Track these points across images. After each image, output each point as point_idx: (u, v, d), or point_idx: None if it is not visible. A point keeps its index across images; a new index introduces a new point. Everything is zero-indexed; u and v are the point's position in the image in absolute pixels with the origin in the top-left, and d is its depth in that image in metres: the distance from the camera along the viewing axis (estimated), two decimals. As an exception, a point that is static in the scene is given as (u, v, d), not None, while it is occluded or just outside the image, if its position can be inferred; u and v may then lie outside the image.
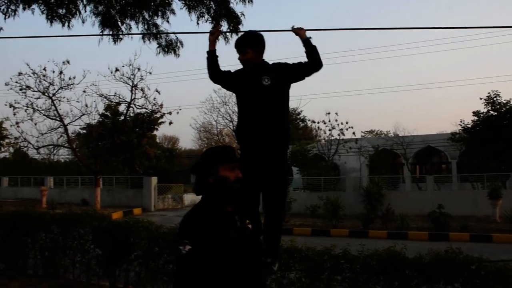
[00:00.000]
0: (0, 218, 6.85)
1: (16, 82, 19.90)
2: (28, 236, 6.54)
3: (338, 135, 23.94)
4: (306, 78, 3.53)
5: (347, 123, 23.78)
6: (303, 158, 23.66)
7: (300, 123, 40.18)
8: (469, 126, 20.55)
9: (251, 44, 3.37)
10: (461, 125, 21.03)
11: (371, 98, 73.73)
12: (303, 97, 70.55)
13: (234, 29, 7.89)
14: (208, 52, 3.54)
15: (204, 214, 2.01)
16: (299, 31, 3.48)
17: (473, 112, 20.35)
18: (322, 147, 24.74)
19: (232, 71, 3.49)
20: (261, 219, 3.20)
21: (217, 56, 3.53)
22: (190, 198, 24.82)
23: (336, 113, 23.81)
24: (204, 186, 2.11)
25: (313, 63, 3.40)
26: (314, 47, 3.41)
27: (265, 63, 3.44)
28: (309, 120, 31.39)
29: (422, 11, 69.87)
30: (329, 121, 24.00)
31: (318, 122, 25.02)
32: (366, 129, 46.60)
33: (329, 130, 24.16)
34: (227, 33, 7.85)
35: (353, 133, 24.24)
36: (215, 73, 3.50)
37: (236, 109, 28.88)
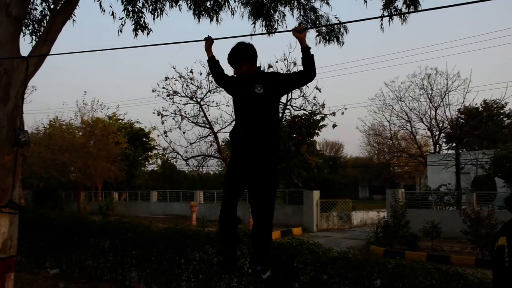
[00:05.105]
0: (154, 234, 7.72)
1: (163, 87, 21.46)
2: (181, 256, 7.24)
3: None
4: (298, 88, 4.27)
5: None
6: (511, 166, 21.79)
7: (505, 119, 36.89)
8: None
9: (244, 59, 4.18)
10: None
11: None
12: (510, 84, 63.51)
13: (412, 3, 7.74)
14: (207, 61, 4.56)
15: None
16: (299, 35, 4.01)
17: None
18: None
19: (232, 75, 4.41)
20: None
21: (217, 61, 4.52)
22: (360, 217, 24.67)
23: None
24: None
25: (309, 73, 4.01)
26: (312, 56, 4.00)
27: (259, 72, 4.32)
28: (518, 115, 28.70)
29: None
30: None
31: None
32: None
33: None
34: (403, 9, 7.75)
35: None
36: (218, 79, 4.57)
37: (414, 106, 28.05)
